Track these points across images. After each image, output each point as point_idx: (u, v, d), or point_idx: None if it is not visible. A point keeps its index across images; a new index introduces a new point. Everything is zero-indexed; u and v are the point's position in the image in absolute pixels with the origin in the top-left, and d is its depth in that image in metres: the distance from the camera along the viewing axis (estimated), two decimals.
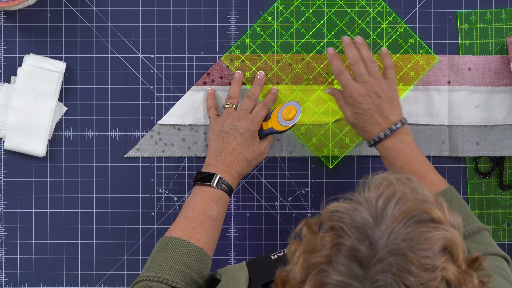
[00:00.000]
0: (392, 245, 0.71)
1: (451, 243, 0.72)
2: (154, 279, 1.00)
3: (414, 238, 0.71)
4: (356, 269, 0.71)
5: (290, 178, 1.27)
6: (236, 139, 1.15)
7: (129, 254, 1.27)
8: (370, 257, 0.71)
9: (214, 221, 1.09)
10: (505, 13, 1.26)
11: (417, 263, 0.70)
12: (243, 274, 0.97)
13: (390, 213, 0.73)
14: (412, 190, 0.75)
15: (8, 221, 1.26)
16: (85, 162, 1.26)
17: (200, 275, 1.03)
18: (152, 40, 1.26)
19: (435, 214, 0.73)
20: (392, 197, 0.74)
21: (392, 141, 1.12)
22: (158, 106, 1.26)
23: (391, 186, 0.75)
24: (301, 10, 1.25)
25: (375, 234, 0.72)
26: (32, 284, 1.26)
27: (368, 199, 0.75)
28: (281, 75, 1.26)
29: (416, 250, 0.70)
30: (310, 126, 1.26)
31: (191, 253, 1.04)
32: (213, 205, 1.10)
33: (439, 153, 1.26)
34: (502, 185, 1.27)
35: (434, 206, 0.74)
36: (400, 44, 1.26)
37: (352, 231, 0.72)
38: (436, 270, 0.70)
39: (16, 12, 1.25)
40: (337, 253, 0.72)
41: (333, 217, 0.75)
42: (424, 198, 0.75)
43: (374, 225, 0.72)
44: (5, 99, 1.25)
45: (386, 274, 0.69)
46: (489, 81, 1.25)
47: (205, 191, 1.11)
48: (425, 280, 0.69)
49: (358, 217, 0.73)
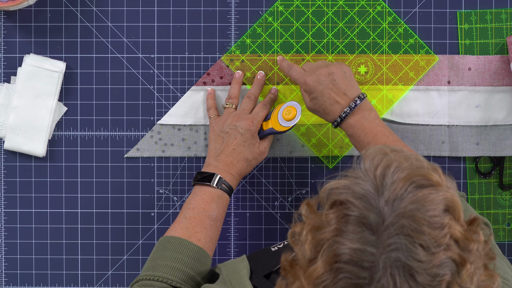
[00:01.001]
0: (399, 209, 0.71)
1: (452, 203, 0.73)
2: (154, 278, 1.00)
3: (419, 200, 0.72)
4: (368, 235, 0.71)
5: (290, 178, 1.27)
6: (236, 139, 1.15)
7: (129, 254, 1.27)
8: (380, 223, 0.71)
9: (214, 220, 1.09)
10: (505, 13, 1.26)
11: (427, 222, 0.71)
12: (244, 266, 0.97)
13: (390, 181, 0.74)
14: (407, 159, 0.76)
15: (8, 221, 1.26)
16: (85, 162, 1.26)
17: (200, 274, 1.03)
18: (152, 40, 1.26)
19: (433, 178, 0.74)
20: (389, 167, 0.75)
21: (355, 118, 1.11)
22: (158, 106, 1.26)
23: (386, 157, 0.76)
24: (301, 10, 1.25)
25: (380, 203, 0.72)
26: (32, 284, 1.26)
27: (366, 172, 0.76)
28: (281, 75, 1.26)
29: (424, 211, 0.71)
30: (310, 126, 1.26)
31: (190, 252, 1.04)
32: (213, 205, 1.10)
33: (439, 153, 1.26)
34: (502, 185, 1.27)
35: (431, 171, 0.75)
36: (400, 44, 1.26)
37: (357, 202, 0.73)
38: (444, 228, 0.71)
39: (16, 12, 1.25)
40: (346, 224, 0.72)
41: (332, 194, 0.75)
42: (420, 165, 0.76)
43: (376, 195, 0.73)
44: (5, 99, 1.25)
45: (399, 236, 0.70)
46: (489, 81, 1.26)
47: (205, 191, 1.11)
48: (437, 237, 0.71)
49: (360, 189, 0.74)
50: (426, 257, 0.70)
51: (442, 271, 0.70)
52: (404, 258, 0.70)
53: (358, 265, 0.71)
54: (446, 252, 0.71)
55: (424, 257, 0.70)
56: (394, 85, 1.25)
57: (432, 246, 0.70)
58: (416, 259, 0.70)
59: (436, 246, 0.70)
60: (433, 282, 0.70)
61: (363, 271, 0.70)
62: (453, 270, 0.71)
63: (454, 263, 0.71)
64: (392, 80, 1.25)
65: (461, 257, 0.72)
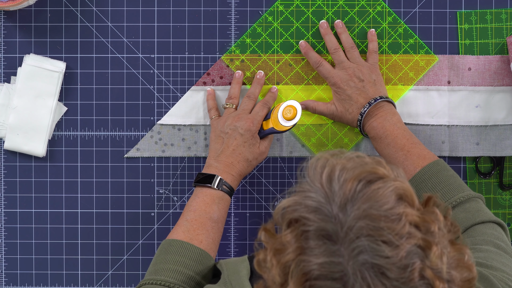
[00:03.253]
0: (353, 212, 0.71)
1: (403, 190, 0.73)
2: (157, 282, 1.00)
3: (371, 197, 0.72)
4: (330, 246, 0.71)
5: (290, 178, 1.27)
6: (236, 140, 1.15)
7: (129, 254, 1.27)
8: (339, 231, 0.71)
9: (215, 222, 1.09)
10: (505, 13, 1.26)
11: (383, 217, 0.71)
12: (244, 266, 0.97)
13: (337, 186, 0.74)
14: (348, 159, 0.76)
15: (8, 221, 1.26)
16: (85, 162, 1.26)
17: (202, 276, 1.03)
18: (152, 40, 1.26)
19: (379, 171, 0.74)
20: (333, 171, 0.75)
21: (378, 120, 1.15)
22: (158, 106, 1.26)
23: (327, 163, 0.76)
24: (301, 10, 1.25)
25: (333, 210, 0.72)
26: (32, 284, 1.26)
27: (312, 182, 0.76)
28: (281, 74, 1.25)
29: (377, 207, 0.71)
30: (310, 126, 1.26)
31: (193, 255, 1.04)
32: (214, 207, 1.10)
33: (439, 153, 1.26)
34: (502, 185, 1.27)
35: (375, 164, 0.75)
36: (400, 44, 1.26)
37: (312, 216, 0.73)
38: (402, 218, 0.71)
39: (16, 12, 1.25)
40: (306, 241, 0.73)
41: (286, 213, 0.76)
42: (362, 162, 0.76)
43: (328, 203, 0.73)
44: (5, 99, 1.25)
45: (360, 238, 0.70)
46: (489, 81, 1.25)
47: (206, 193, 1.11)
48: (397, 229, 0.71)
49: (311, 202, 0.74)
50: (391, 252, 0.70)
51: (410, 260, 0.70)
52: (371, 259, 0.70)
53: (329, 278, 0.71)
54: (409, 241, 0.71)
55: (389, 252, 0.70)
56: (394, 85, 1.25)
57: (394, 240, 0.70)
58: (383, 256, 0.70)
59: (398, 239, 0.70)
60: (405, 274, 0.70)
61: (335, 283, 0.71)
62: (421, 256, 0.71)
63: (420, 249, 0.71)
64: (392, 80, 1.25)
65: (425, 241, 0.71)
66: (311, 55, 1.22)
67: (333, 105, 1.20)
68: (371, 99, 1.16)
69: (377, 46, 1.23)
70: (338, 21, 1.23)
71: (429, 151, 1.11)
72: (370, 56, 1.21)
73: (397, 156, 1.11)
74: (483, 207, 1.04)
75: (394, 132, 1.13)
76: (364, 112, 1.16)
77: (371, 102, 1.16)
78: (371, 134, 1.16)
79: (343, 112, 1.19)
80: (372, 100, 1.16)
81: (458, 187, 1.05)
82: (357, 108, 1.17)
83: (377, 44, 1.23)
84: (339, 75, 1.18)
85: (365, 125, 1.17)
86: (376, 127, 1.15)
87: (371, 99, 1.16)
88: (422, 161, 1.09)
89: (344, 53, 1.21)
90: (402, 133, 1.13)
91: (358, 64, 1.19)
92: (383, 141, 1.13)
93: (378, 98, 1.16)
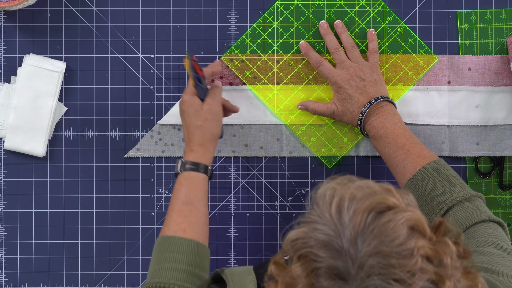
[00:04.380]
0: (364, 248, 0.70)
1: (414, 221, 0.72)
2: (154, 286, 0.99)
3: (381, 232, 0.71)
4: (342, 284, 0.70)
5: (290, 178, 1.27)
6: (183, 117, 1.14)
7: (129, 254, 1.27)
8: (350, 268, 0.70)
9: (190, 204, 1.08)
10: (505, 13, 1.26)
11: (395, 254, 0.70)
12: (251, 280, 0.96)
13: (347, 218, 0.72)
14: (357, 188, 0.75)
15: (8, 221, 1.26)
16: (85, 162, 1.26)
17: (197, 267, 1.03)
18: (152, 40, 1.26)
19: (389, 202, 0.73)
20: (342, 203, 0.74)
21: (379, 119, 1.15)
22: (158, 106, 1.26)
23: (336, 193, 0.75)
24: (301, 10, 1.25)
25: (344, 244, 0.71)
26: (32, 284, 1.26)
27: (321, 215, 0.74)
28: (281, 75, 1.26)
29: (388, 243, 0.70)
30: (310, 126, 1.26)
31: (181, 248, 1.03)
32: (183, 189, 1.09)
33: (439, 153, 1.26)
34: (502, 185, 1.27)
35: (385, 194, 0.74)
36: (400, 44, 1.26)
37: (322, 252, 0.72)
38: (413, 253, 0.70)
39: (16, 12, 1.25)
40: (317, 278, 0.71)
41: (296, 246, 0.74)
42: (372, 191, 0.75)
43: (338, 237, 0.72)
44: (5, 99, 1.25)
45: (372, 277, 0.69)
46: (489, 81, 1.25)
47: (176, 181, 1.11)
48: (409, 266, 0.69)
49: (321, 236, 0.72)
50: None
51: None
52: None
53: None
54: (422, 276, 0.69)
55: None
56: (393, 85, 1.25)
57: (406, 278, 0.69)
58: None
59: (410, 276, 0.69)
60: None
61: None
62: None
63: (433, 284, 0.70)
64: (391, 80, 1.25)
65: (438, 275, 0.70)
66: (312, 55, 1.22)
67: (334, 104, 1.20)
68: (372, 99, 1.16)
69: (377, 45, 1.23)
70: (338, 21, 1.23)
71: (429, 151, 1.11)
72: (371, 55, 1.22)
73: (397, 155, 1.11)
74: (482, 206, 1.04)
75: (395, 131, 1.13)
76: (365, 111, 1.16)
77: (372, 102, 1.16)
78: (372, 133, 1.16)
79: (344, 112, 1.19)
80: (373, 99, 1.16)
81: (458, 186, 1.05)
82: (358, 108, 1.17)
83: (377, 44, 1.23)
84: (340, 74, 1.19)
85: (365, 124, 1.17)
86: (376, 126, 1.15)
87: (372, 98, 1.16)
88: (422, 160, 1.09)
89: (345, 53, 1.21)
90: (403, 133, 1.13)
91: (359, 63, 1.19)
92: (383, 140, 1.14)
93: (379, 97, 1.16)
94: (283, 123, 1.26)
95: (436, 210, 1.03)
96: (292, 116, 1.26)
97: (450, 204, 1.02)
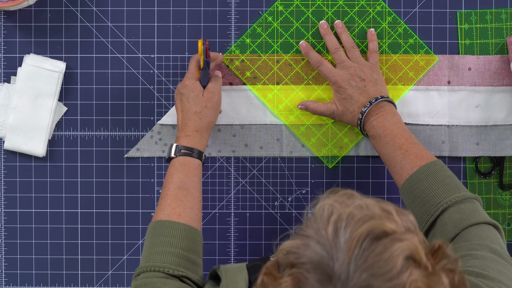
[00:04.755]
0: (355, 278, 0.68)
1: (410, 251, 0.69)
2: (148, 269, 1.00)
3: (374, 263, 0.68)
4: None
5: (290, 178, 1.27)
6: (182, 101, 1.15)
7: (129, 254, 1.27)
8: None
9: (185, 189, 1.09)
10: (505, 13, 1.26)
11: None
12: (242, 276, 0.97)
13: (343, 240, 0.70)
14: (357, 208, 0.73)
15: (8, 221, 1.26)
16: (85, 162, 1.26)
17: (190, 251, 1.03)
18: (152, 40, 1.26)
19: (386, 228, 0.70)
20: (340, 222, 0.72)
21: (379, 119, 1.15)
22: (158, 106, 1.26)
23: (335, 211, 0.73)
24: (301, 10, 1.25)
25: (336, 268, 0.69)
26: (32, 284, 1.26)
27: (318, 231, 0.72)
28: (281, 75, 1.26)
29: (379, 276, 0.68)
30: (310, 126, 1.26)
31: (175, 232, 1.04)
32: (178, 174, 1.10)
33: (439, 153, 1.26)
34: (502, 185, 1.27)
35: (383, 219, 0.71)
36: (400, 44, 1.26)
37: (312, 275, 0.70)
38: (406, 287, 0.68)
39: (16, 12, 1.25)
40: None
41: (288, 258, 0.73)
42: (371, 213, 0.72)
43: (331, 259, 0.70)
44: (5, 99, 1.25)
45: None
46: (489, 81, 1.25)
47: (170, 165, 1.12)
48: None
49: (313, 255, 0.71)
50: None
51: None
52: None
53: None
54: None
55: None
56: (393, 85, 1.25)
57: None
58: None
59: None
60: None
61: None
62: None
63: None
64: (391, 80, 1.25)
65: None
66: (312, 55, 1.22)
67: (334, 104, 1.20)
68: (372, 98, 1.16)
69: (377, 45, 1.23)
70: (338, 21, 1.23)
71: (428, 152, 1.11)
72: (371, 55, 1.22)
73: (395, 155, 1.11)
74: (478, 208, 1.02)
75: (394, 131, 1.13)
76: (365, 111, 1.16)
77: (372, 101, 1.16)
78: (371, 132, 1.16)
79: (344, 112, 1.19)
80: (373, 99, 1.16)
81: (454, 188, 1.04)
82: (358, 107, 1.17)
83: (377, 44, 1.23)
84: (340, 74, 1.19)
85: (365, 124, 1.17)
86: (376, 126, 1.15)
87: (372, 98, 1.16)
88: (420, 161, 1.09)
89: (345, 53, 1.21)
90: (402, 133, 1.13)
91: (359, 63, 1.19)
92: (382, 139, 1.14)
93: (379, 97, 1.16)
94: (283, 123, 1.26)
95: (431, 211, 1.03)
96: (292, 116, 1.26)
97: (446, 205, 1.02)
